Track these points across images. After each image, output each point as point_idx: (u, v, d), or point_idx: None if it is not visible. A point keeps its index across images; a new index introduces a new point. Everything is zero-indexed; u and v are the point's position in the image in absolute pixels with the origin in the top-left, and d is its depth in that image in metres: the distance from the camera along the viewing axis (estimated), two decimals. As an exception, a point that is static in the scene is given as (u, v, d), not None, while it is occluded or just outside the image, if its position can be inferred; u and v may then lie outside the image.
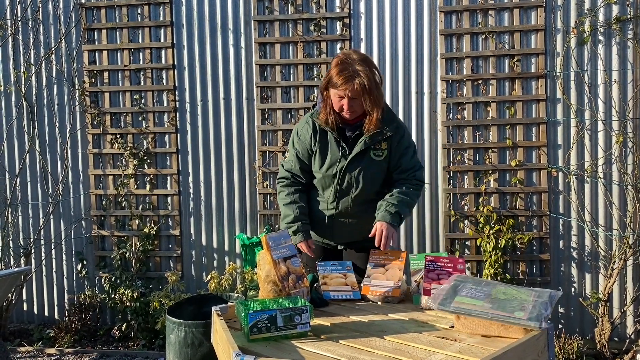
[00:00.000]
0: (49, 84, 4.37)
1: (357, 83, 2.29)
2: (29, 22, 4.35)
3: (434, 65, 3.95)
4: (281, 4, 4.09)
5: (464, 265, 2.07)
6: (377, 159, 2.44)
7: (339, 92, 2.32)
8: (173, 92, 4.24)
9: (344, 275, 2.25)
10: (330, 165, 2.46)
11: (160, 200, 4.29)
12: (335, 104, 2.38)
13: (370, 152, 2.44)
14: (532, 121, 3.85)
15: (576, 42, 3.79)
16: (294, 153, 2.55)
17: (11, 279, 3.32)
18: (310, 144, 2.49)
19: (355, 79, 2.29)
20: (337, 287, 2.20)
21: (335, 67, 2.34)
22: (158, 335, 4.03)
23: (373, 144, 2.42)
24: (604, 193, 3.78)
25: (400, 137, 2.47)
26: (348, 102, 2.33)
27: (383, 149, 2.45)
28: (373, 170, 2.45)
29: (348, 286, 2.20)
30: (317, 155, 2.49)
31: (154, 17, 4.25)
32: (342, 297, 2.16)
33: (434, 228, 3.99)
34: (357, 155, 2.42)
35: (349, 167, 2.44)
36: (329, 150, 2.47)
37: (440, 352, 1.53)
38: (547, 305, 1.64)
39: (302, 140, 2.52)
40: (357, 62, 2.33)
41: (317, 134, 2.48)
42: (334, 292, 2.17)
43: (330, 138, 2.47)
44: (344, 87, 2.30)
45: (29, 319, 4.53)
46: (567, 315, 3.88)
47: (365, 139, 2.40)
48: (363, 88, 2.29)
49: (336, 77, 2.32)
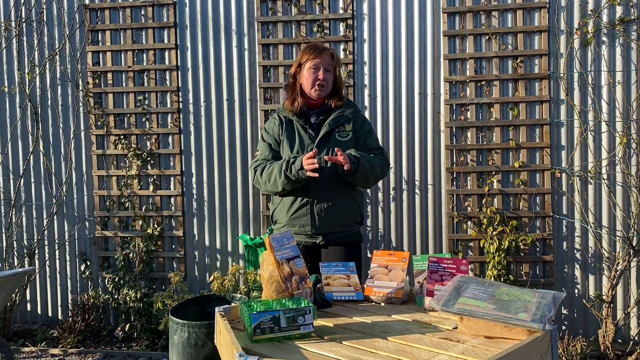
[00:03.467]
0: (53, 85, 4.39)
1: (329, 52, 2.64)
2: (33, 23, 4.36)
3: (437, 66, 3.95)
4: (284, 5, 4.10)
5: (467, 266, 2.07)
6: (343, 139, 2.63)
7: (314, 62, 2.59)
8: (176, 93, 4.25)
9: (347, 277, 2.25)
10: (299, 150, 2.62)
11: (163, 201, 4.30)
12: (309, 79, 2.61)
13: (335, 134, 2.63)
14: (535, 122, 3.85)
15: (580, 43, 3.78)
16: (265, 145, 2.71)
17: (15, 280, 3.33)
18: (279, 133, 2.68)
19: (327, 50, 2.66)
20: (340, 288, 2.20)
21: (307, 47, 2.69)
22: (161, 335, 4.04)
23: (337, 126, 2.63)
24: (607, 194, 3.78)
25: (363, 120, 2.72)
26: (323, 72, 2.59)
27: (347, 131, 2.65)
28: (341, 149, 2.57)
29: (351, 287, 2.21)
30: (284, 144, 2.66)
31: (158, 18, 4.26)
32: (345, 298, 2.16)
33: (437, 229, 3.99)
34: (323, 137, 2.61)
35: (318, 149, 2.57)
36: (297, 137, 2.65)
37: (443, 354, 1.53)
38: (551, 307, 1.63)
39: (270, 133, 2.71)
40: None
41: (283, 125, 2.68)
42: (337, 292, 2.18)
43: (297, 126, 2.66)
44: (319, 56, 2.59)
45: (32, 319, 4.54)
46: (570, 317, 3.87)
47: (329, 122, 2.62)
48: (334, 56, 2.65)
49: (309, 51, 2.63)
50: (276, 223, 2.76)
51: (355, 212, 2.69)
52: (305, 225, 2.63)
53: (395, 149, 4.00)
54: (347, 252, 2.65)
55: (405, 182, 3.99)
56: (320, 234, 2.63)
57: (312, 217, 2.61)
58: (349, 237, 2.68)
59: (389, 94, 4.00)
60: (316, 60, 2.60)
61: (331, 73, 2.64)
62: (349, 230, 2.68)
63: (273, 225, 2.79)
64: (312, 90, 2.63)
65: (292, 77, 2.70)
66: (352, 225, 2.69)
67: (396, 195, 4.00)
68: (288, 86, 2.73)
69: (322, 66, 2.60)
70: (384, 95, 4.01)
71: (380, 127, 4.01)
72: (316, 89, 2.62)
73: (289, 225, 2.66)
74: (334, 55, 2.66)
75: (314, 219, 2.61)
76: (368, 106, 4.03)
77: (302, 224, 2.63)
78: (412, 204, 4.00)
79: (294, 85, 2.69)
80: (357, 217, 2.72)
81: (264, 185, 2.64)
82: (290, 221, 2.65)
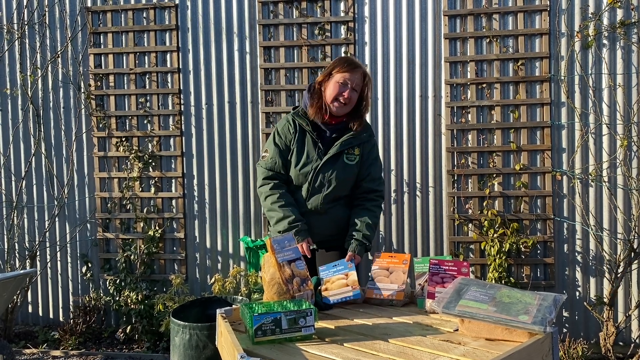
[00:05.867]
0: (55, 87, 4.40)
1: (362, 70, 2.55)
2: (35, 26, 4.38)
3: (438, 69, 3.96)
4: (286, 8, 4.11)
5: (468, 268, 2.07)
6: (350, 162, 2.60)
7: (344, 76, 2.51)
8: (178, 96, 4.26)
9: (345, 275, 2.25)
10: (305, 164, 2.59)
11: (165, 203, 4.31)
12: (333, 92, 2.53)
13: (344, 156, 2.59)
14: (536, 125, 3.85)
15: (580, 46, 3.79)
16: (276, 150, 2.65)
17: (16, 281, 3.34)
18: (291, 140, 2.62)
19: (360, 67, 2.56)
20: (337, 291, 2.19)
21: (341, 59, 2.60)
22: (162, 337, 4.04)
23: (347, 148, 2.59)
24: (608, 197, 3.78)
25: (372, 146, 2.67)
26: (350, 91, 2.51)
27: (356, 155, 2.61)
28: (345, 173, 2.59)
29: (349, 286, 2.20)
30: (294, 154, 2.61)
31: (160, 21, 4.27)
32: (342, 300, 2.16)
33: (438, 231, 3.99)
34: (331, 157, 2.57)
35: (323, 168, 2.57)
36: (306, 150, 2.60)
37: (444, 356, 1.53)
38: (552, 309, 1.64)
39: (282, 137, 2.65)
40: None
41: (297, 133, 2.62)
42: (333, 296, 2.17)
43: (309, 139, 2.61)
44: (351, 71, 2.51)
45: (34, 321, 4.54)
46: (571, 319, 3.87)
47: (341, 142, 2.57)
48: (366, 76, 2.56)
49: (342, 64, 2.54)
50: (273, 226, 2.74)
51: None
52: None
53: (396, 152, 4.01)
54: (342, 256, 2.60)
55: (406, 185, 4.00)
56: (316, 241, 2.62)
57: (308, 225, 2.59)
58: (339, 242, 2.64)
59: (390, 96, 4.00)
60: (347, 75, 2.51)
61: (357, 93, 2.55)
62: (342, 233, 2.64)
63: (269, 226, 2.77)
64: (332, 104, 2.55)
65: (319, 84, 2.60)
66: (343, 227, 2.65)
67: (397, 198, 4.01)
68: (311, 91, 2.62)
69: (350, 84, 2.51)
70: (385, 97, 4.01)
71: (382, 129, 4.02)
72: (335, 105, 2.54)
73: None
74: (366, 75, 2.56)
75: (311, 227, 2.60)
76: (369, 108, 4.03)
77: None
78: (413, 206, 4.00)
79: (319, 92, 2.60)
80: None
81: (263, 206, 2.67)
82: None
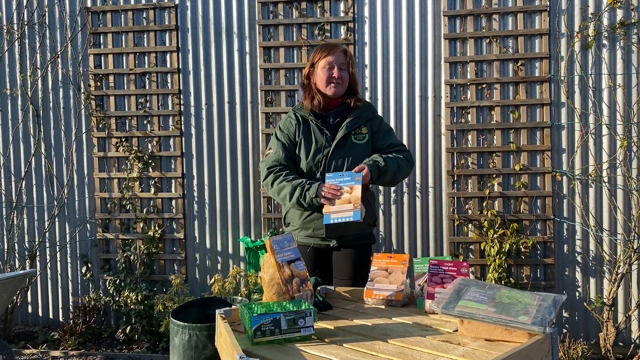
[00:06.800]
0: (54, 87, 4.40)
1: (341, 49, 2.62)
2: (35, 26, 4.38)
3: (438, 69, 3.96)
4: (286, 8, 4.11)
5: (468, 269, 2.07)
6: (359, 142, 2.58)
7: (328, 59, 2.56)
8: (178, 96, 4.26)
9: (350, 189, 2.23)
10: (316, 153, 2.57)
11: (164, 203, 4.31)
12: (323, 77, 2.57)
13: (352, 137, 2.58)
14: (536, 125, 3.85)
15: (580, 46, 3.79)
16: (279, 144, 2.63)
17: (16, 282, 3.34)
18: (295, 134, 2.61)
19: (339, 47, 2.64)
20: (338, 208, 2.16)
21: (319, 47, 2.67)
22: (162, 338, 4.04)
23: (353, 129, 2.58)
24: (608, 197, 3.78)
25: (380, 121, 2.70)
26: (338, 70, 2.56)
27: (364, 133, 2.60)
28: (357, 153, 2.56)
29: (351, 204, 2.18)
30: (301, 146, 2.59)
31: (159, 21, 4.28)
32: (341, 220, 2.13)
33: (437, 232, 3.99)
34: (340, 140, 2.56)
35: (335, 153, 2.56)
36: (313, 138, 2.59)
37: (443, 356, 1.53)
38: (551, 310, 1.64)
39: (285, 132, 2.64)
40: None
41: (300, 125, 2.62)
42: (335, 213, 2.14)
43: (313, 127, 2.60)
44: (331, 53, 2.57)
45: (33, 321, 4.54)
46: (571, 320, 3.87)
47: (346, 124, 2.56)
48: (347, 53, 2.62)
49: (321, 50, 2.62)
50: (289, 225, 2.72)
51: (369, 214, 2.64)
52: (318, 228, 2.58)
53: (396, 152, 4.00)
54: (357, 254, 2.62)
55: (406, 185, 3.99)
56: (334, 237, 2.60)
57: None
58: (363, 238, 2.66)
59: (389, 96, 4.00)
60: (329, 58, 2.57)
61: (345, 71, 2.59)
62: (363, 232, 2.65)
63: (285, 228, 2.75)
64: (327, 88, 2.58)
65: (306, 77, 2.66)
66: (365, 227, 2.65)
67: (397, 198, 4.01)
68: (303, 87, 2.68)
69: (335, 64, 2.56)
70: (385, 97, 4.01)
71: (381, 129, 4.01)
72: (331, 87, 2.57)
73: (302, 229, 2.63)
74: (347, 52, 2.62)
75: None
76: (369, 109, 4.03)
77: (316, 227, 2.59)
78: (412, 206, 4.00)
79: (309, 86, 2.64)
80: (371, 219, 2.69)
81: (273, 195, 2.60)
82: (304, 224, 2.62)
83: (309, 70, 2.65)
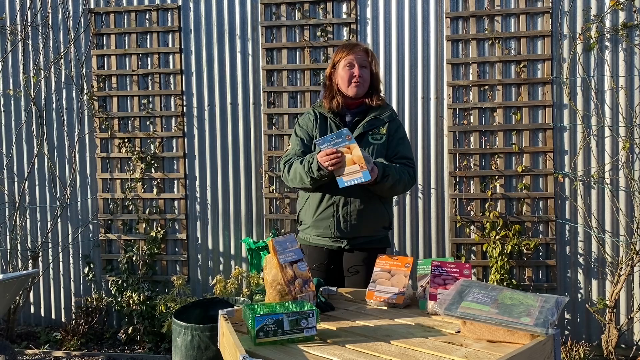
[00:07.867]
0: (57, 88, 4.41)
1: (362, 47, 2.59)
2: (38, 27, 4.39)
3: (441, 71, 3.96)
4: (288, 10, 4.12)
5: (470, 270, 2.07)
6: (376, 142, 2.54)
7: (348, 58, 2.53)
8: (180, 97, 4.26)
9: (348, 149, 2.23)
10: None
11: (167, 204, 4.31)
12: (345, 77, 2.55)
13: (369, 136, 2.55)
14: (538, 127, 3.85)
15: (583, 48, 3.79)
16: (297, 140, 2.62)
17: (19, 282, 3.35)
18: (313, 129, 2.60)
19: (360, 45, 2.62)
20: (348, 170, 2.18)
21: (341, 46, 2.64)
22: (164, 338, 4.04)
23: (371, 129, 2.55)
24: (610, 199, 3.77)
25: (398, 126, 2.63)
26: (359, 69, 2.53)
27: (382, 134, 2.56)
28: (372, 153, 2.51)
29: (355, 164, 2.20)
30: None
31: (162, 22, 4.29)
32: (353, 183, 2.16)
33: (440, 233, 3.99)
34: (356, 139, 2.45)
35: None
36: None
37: (446, 357, 1.53)
38: (554, 311, 1.64)
39: (304, 128, 2.64)
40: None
41: (318, 121, 2.61)
42: (346, 176, 2.16)
43: (331, 124, 2.58)
44: (352, 52, 2.54)
45: (36, 321, 4.55)
46: (573, 322, 3.87)
47: (363, 124, 2.54)
48: (368, 52, 2.59)
49: (341, 49, 2.59)
50: (302, 224, 2.67)
51: (383, 216, 2.57)
52: (330, 227, 2.52)
53: (398, 153, 4.01)
54: (370, 258, 2.49)
55: (408, 186, 3.99)
56: (346, 238, 2.53)
57: (337, 219, 2.51)
58: (376, 242, 2.58)
59: (392, 98, 4.01)
60: (350, 57, 2.54)
61: (367, 69, 2.56)
62: (376, 235, 2.58)
63: (298, 227, 2.71)
64: (348, 88, 2.55)
65: (328, 78, 2.63)
66: (379, 230, 2.58)
67: (399, 200, 4.01)
68: (325, 87, 2.67)
69: (356, 63, 2.53)
70: (387, 99, 4.01)
71: (384, 131, 4.02)
72: (352, 87, 2.54)
73: (313, 227, 2.57)
74: (368, 51, 2.59)
75: (339, 222, 2.51)
76: (371, 110, 4.04)
77: (327, 226, 2.53)
78: (415, 208, 4.00)
79: (330, 86, 2.62)
80: (385, 221, 2.60)
81: (292, 182, 2.55)
82: (316, 222, 2.56)
83: (330, 70, 2.62)
